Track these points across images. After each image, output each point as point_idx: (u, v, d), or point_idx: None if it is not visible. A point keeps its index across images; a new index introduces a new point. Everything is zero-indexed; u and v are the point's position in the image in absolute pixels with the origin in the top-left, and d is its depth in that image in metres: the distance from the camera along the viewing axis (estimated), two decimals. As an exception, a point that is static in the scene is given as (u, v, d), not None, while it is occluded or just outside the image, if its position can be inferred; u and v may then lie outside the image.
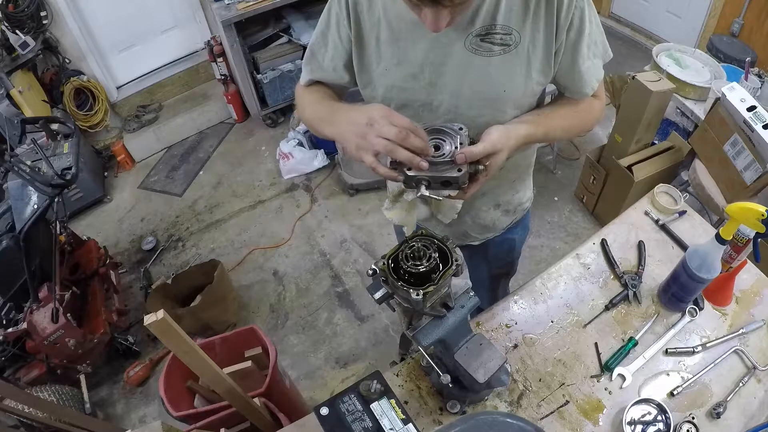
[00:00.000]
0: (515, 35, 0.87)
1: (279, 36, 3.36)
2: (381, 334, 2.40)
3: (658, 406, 1.01)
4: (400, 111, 0.96)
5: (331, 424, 0.89)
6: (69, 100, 3.10)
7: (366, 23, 0.93)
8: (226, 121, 3.77)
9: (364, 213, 2.98)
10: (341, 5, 0.94)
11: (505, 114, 0.95)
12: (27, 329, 1.97)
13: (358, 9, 0.92)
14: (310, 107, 1.04)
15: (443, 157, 0.81)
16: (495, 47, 0.87)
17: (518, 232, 1.34)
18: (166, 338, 1.01)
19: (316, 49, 1.03)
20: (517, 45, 0.87)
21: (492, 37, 0.86)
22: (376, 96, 1.00)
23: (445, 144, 0.83)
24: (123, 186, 3.39)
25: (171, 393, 1.53)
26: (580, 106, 1.02)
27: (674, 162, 2.38)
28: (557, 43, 0.89)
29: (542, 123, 0.95)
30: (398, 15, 0.89)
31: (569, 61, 0.93)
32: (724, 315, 1.18)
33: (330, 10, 0.97)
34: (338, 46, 0.98)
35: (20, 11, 2.70)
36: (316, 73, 1.06)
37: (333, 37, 0.98)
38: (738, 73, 2.31)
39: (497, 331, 1.18)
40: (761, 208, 0.91)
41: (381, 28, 0.92)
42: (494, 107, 0.93)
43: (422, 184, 0.79)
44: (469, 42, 0.87)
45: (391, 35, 0.91)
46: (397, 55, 0.92)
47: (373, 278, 0.84)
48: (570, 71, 0.94)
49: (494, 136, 0.84)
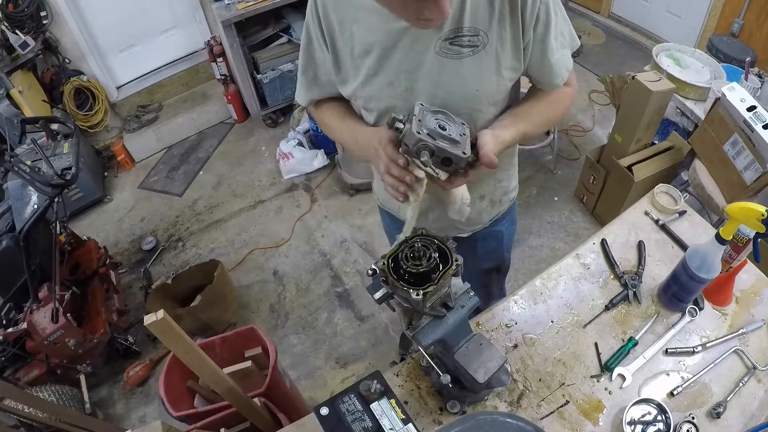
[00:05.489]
0: (482, 36, 0.88)
1: (279, 36, 3.36)
2: (381, 334, 2.40)
3: (658, 406, 1.01)
4: (383, 119, 1.00)
5: (331, 424, 0.89)
6: (69, 100, 3.11)
7: (339, 40, 0.95)
8: (226, 121, 3.77)
9: (364, 213, 2.98)
10: (316, 26, 0.96)
11: (481, 112, 0.98)
12: (27, 329, 1.97)
13: (330, 28, 0.94)
14: (336, 132, 1.12)
15: (446, 134, 0.82)
16: (464, 49, 0.89)
17: (505, 225, 1.35)
18: (166, 338, 1.01)
19: (306, 68, 1.06)
20: (485, 45, 0.89)
21: (460, 39, 0.88)
22: (360, 106, 1.04)
23: (449, 127, 0.84)
24: (123, 186, 3.39)
25: (171, 393, 1.53)
26: (553, 97, 1.05)
27: (674, 162, 2.38)
28: (525, 40, 0.91)
29: (522, 123, 0.99)
30: (370, 28, 0.91)
31: (539, 55, 0.95)
32: (724, 315, 1.18)
33: (308, 28, 1.00)
34: (324, 60, 1.01)
35: (20, 11, 2.70)
36: (314, 91, 1.09)
37: (317, 54, 1.01)
38: (738, 73, 2.31)
39: (497, 331, 1.18)
40: (761, 208, 0.91)
41: (354, 43, 0.93)
42: (470, 107, 0.96)
43: (425, 152, 0.80)
44: (439, 46, 0.89)
45: (364, 48, 0.92)
46: (372, 67, 0.93)
47: (373, 278, 0.84)
48: (540, 65, 0.97)
49: (489, 140, 0.88)
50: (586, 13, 4.42)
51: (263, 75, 3.32)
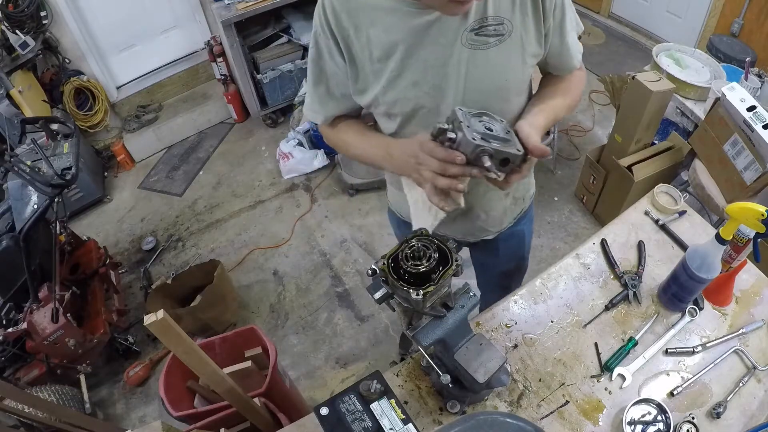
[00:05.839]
0: (507, 24, 0.88)
1: (279, 36, 3.36)
2: (381, 334, 2.40)
3: (658, 406, 1.01)
4: (408, 123, 0.98)
5: (331, 424, 0.89)
6: (69, 100, 3.10)
7: (355, 47, 0.92)
8: (226, 121, 3.77)
9: (364, 213, 2.98)
10: (327, 35, 0.92)
11: (510, 102, 0.98)
12: (27, 329, 1.97)
13: (344, 34, 0.91)
14: (359, 149, 1.06)
15: (496, 134, 0.82)
16: (490, 39, 0.88)
17: (526, 224, 1.35)
18: (166, 338, 1.01)
19: (317, 82, 1.02)
20: (511, 33, 0.89)
21: (486, 29, 0.87)
22: (381, 113, 1.00)
23: (494, 126, 0.83)
24: (123, 186, 3.39)
25: (171, 393, 1.53)
26: (571, 81, 1.06)
27: (674, 162, 2.38)
28: (546, 26, 0.92)
29: (550, 109, 0.97)
30: (389, 29, 0.88)
31: (558, 39, 0.96)
32: (724, 315, 1.18)
33: (318, 43, 0.96)
34: (337, 73, 0.97)
35: (20, 11, 2.70)
36: (329, 106, 1.05)
37: (329, 67, 0.97)
38: (738, 73, 2.31)
39: (497, 331, 1.18)
40: (761, 208, 0.91)
41: (373, 47, 0.90)
42: (500, 97, 0.95)
43: (486, 155, 0.79)
44: (465, 38, 0.87)
45: (385, 50, 0.90)
46: (395, 68, 0.91)
47: (373, 278, 0.84)
48: (559, 49, 0.98)
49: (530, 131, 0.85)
50: (586, 13, 4.42)
51: (263, 75, 3.32)
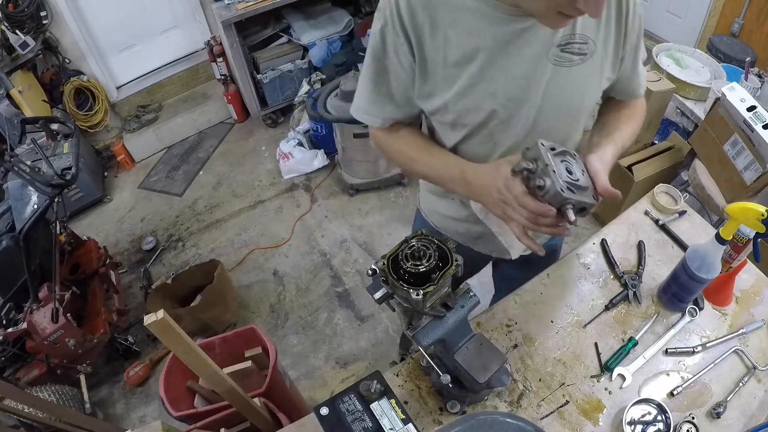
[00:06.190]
0: (591, 44, 0.85)
1: (279, 36, 3.36)
2: (381, 334, 2.40)
3: (658, 406, 1.01)
4: (475, 134, 0.93)
5: (331, 424, 0.89)
6: (69, 100, 3.10)
7: (428, 46, 0.84)
8: (226, 121, 3.77)
9: (364, 213, 2.98)
10: (397, 31, 0.84)
11: (579, 124, 0.95)
12: (27, 329, 1.97)
13: (418, 31, 0.83)
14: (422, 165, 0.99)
15: (577, 182, 0.80)
16: (574, 57, 0.85)
17: (559, 238, 1.32)
18: (166, 338, 1.01)
19: (378, 82, 0.93)
20: (593, 54, 0.86)
21: (571, 46, 0.84)
22: (447, 121, 0.94)
23: (574, 167, 0.81)
24: (123, 186, 3.39)
25: (171, 393, 1.53)
26: (636, 108, 1.03)
27: (674, 162, 2.38)
28: (624, 50, 0.89)
29: (618, 139, 0.93)
30: (472, 32, 0.81)
31: (631, 65, 0.94)
32: (724, 315, 1.18)
33: (384, 35, 0.87)
34: (401, 75, 0.90)
35: (20, 11, 2.69)
36: (387, 109, 0.96)
37: (394, 67, 0.89)
38: (738, 73, 2.31)
39: (497, 331, 1.18)
40: (761, 208, 0.91)
41: (449, 49, 0.83)
42: (572, 118, 0.93)
43: (570, 208, 0.79)
44: (552, 53, 0.84)
45: (465, 55, 0.83)
46: (474, 75, 0.84)
47: (373, 278, 0.84)
48: (631, 74, 0.96)
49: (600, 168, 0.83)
50: (586, 13, 4.42)
51: (263, 75, 3.32)
